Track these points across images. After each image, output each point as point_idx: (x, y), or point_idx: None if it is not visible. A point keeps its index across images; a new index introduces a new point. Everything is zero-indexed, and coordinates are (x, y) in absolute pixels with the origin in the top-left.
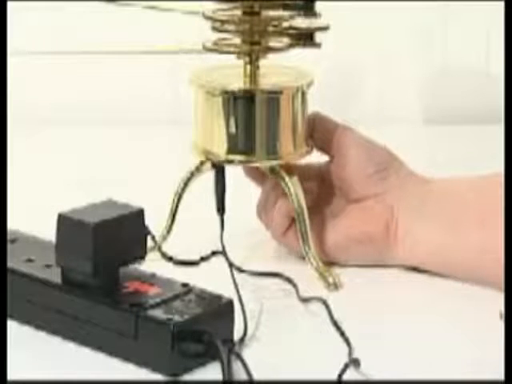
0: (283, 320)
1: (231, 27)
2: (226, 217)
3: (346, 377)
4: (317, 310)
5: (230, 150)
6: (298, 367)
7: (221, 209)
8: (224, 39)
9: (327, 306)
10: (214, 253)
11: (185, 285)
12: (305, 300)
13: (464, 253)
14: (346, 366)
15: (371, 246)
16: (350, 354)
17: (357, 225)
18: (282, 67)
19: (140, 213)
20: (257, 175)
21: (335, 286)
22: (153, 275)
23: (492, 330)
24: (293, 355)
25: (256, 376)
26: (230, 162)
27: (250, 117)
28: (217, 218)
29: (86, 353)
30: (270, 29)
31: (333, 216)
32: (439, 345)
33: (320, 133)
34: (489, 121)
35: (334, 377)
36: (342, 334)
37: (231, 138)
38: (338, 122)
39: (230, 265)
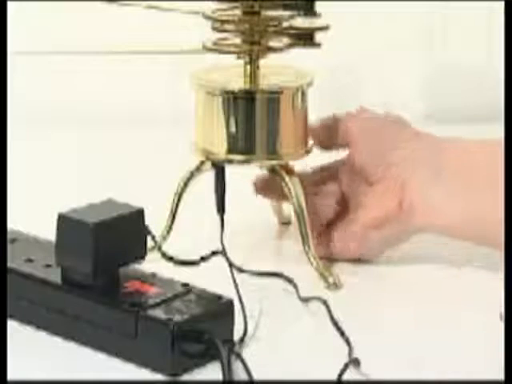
0: (283, 320)
1: (231, 27)
2: (225, 217)
3: (347, 376)
4: (317, 310)
5: (230, 150)
6: (298, 367)
7: (221, 209)
8: (224, 39)
9: (327, 306)
10: (214, 253)
11: (185, 285)
12: (305, 300)
13: (481, 216)
14: (346, 366)
15: (389, 227)
16: (349, 353)
17: (370, 211)
18: (282, 67)
19: (140, 213)
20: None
21: (335, 286)
22: (153, 275)
23: (492, 331)
24: (293, 355)
25: (256, 376)
26: (230, 161)
27: (250, 117)
28: (217, 217)
29: (86, 353)
30: (270, 29)
31: (357, 207)
32: (439, 345)
33: (326, 132)
34: (489, 120)
35: (334, 377)
36: (342, 333)
37: (231, 138)
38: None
39: (230, 265)
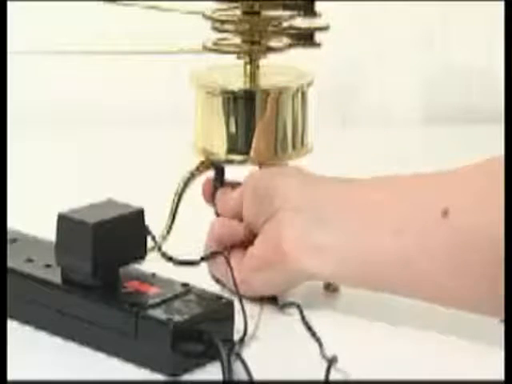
0: (283, 320)
1: (231, 27)
2: None
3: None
4: (318, 310)
5: (230, 150)
6: (297, 367)
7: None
8: (224, 39)
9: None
10: (214, 253)
11: (185, 285)
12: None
13: (380, 260)
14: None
15: (270, 269)
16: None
17: (252, 253)
18: (281, 67)
19: (140, 213)
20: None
21: (334, 289)
22: (153, 275)
23: (492, 331)
24: (293, 355)
25: (256, 376)
26: (230, 161)
27: (250, 117)
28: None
29: (86, 353)
30: (270, 29)
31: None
32: (438, 345)
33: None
34: (489, 120)
35: (334, 376)
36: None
37: (231, 138)
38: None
39: (230, 265)
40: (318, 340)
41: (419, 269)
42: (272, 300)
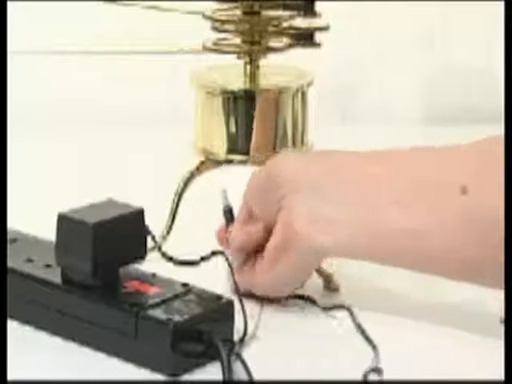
0: (283, 320)
1: (231, 27)
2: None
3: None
4: (317, 310)
5: (230, 150)
6: (297, 367)
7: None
8: (224, 39)
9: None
10: (213, 253)
11: (185, 285)
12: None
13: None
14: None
15: (286, 254)
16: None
17: (268, 246)
18: (282, 67)
19: (140, 213)
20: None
21: (334, 289)
22: (153, 275)
23: (492, 331)
24: (293, 355)
25: (256, 376)
26: (230, 161)
27: (250, 117)
28: (216, 218)
29: (86, 353)
30: (270, 29)
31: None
32: (438, 345)
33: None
34: (489, 120)
35: (334, 376)
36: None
37: (231, 138)
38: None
39: (230, 265)
40: (374, 347)
41: (429, 241)
42: (312, 302)
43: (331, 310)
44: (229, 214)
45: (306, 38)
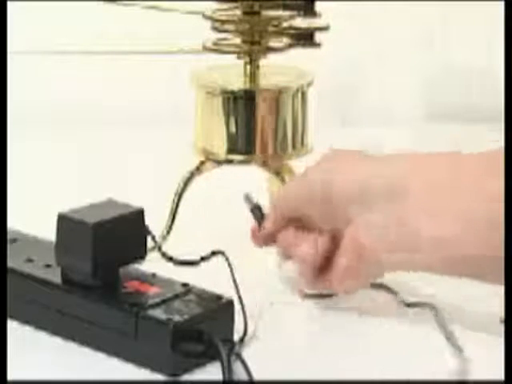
0: (283, 320)
1: (231, 27)
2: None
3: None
4: (317, 310)
5: (230, 150)
6: (297, 367)
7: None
8: (224, 39)
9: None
10: (214, 253)
11: (185, 285)
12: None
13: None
14: None
15: (363, 263)
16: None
17: (340, 263)
18: (282, 67)
19: (140, 213)
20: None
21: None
22: (153, 275)
23: (492, 331)
24: (293, 355)
25: (256, 376)
26: (230, 161)
27: (250, 117)
28: (216, 217)
29: (86, 353)
30: (270, 29)
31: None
32: (438, 345)
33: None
34: (489, 120)
35: (336, 376)
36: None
37: (231, 138)
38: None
39: (230, 265)
40: (458, 348)
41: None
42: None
43: (415, 307)
44: (258, 211)
45: (306, 38)
